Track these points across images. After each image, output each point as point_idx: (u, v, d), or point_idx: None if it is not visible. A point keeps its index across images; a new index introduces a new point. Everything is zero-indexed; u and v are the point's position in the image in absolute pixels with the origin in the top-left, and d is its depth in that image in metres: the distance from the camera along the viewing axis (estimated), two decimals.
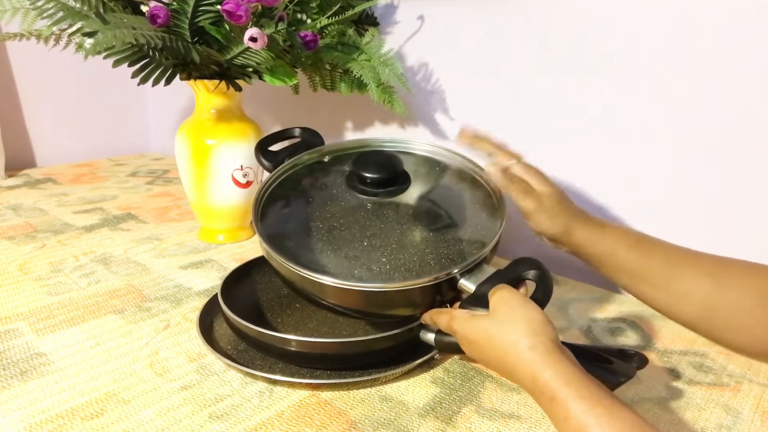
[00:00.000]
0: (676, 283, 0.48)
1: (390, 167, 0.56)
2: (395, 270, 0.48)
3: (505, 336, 0.41)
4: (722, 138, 0.64)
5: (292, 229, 0.54)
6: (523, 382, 0.40)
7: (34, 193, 1.05)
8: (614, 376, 0.43)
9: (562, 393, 0.36)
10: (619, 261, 0.51)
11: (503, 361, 0.41)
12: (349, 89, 0.82)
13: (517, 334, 0.40)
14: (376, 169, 0.55)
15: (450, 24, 0.85)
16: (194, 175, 0.79)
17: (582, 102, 0.74)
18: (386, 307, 0.50)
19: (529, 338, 0.40)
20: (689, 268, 0.48)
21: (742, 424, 0.46)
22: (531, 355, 0.39)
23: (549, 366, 0.38)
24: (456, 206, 0.58)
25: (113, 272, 0.71)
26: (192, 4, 0.63)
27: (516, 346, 0.40)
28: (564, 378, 0.37)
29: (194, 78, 0.74)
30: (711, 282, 0.47)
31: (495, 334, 0.41)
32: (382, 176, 0.55)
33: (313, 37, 0.71)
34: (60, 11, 0.67)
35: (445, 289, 0.49)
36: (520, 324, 0.41)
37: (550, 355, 0.39)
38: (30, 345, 0.54)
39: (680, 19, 0.64)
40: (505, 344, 0.40)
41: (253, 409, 0.46)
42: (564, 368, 0.38)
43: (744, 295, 0.46)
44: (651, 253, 0.50)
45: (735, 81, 0.62)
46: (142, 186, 1.13)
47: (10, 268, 0.71)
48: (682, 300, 0.48)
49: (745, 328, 0.46)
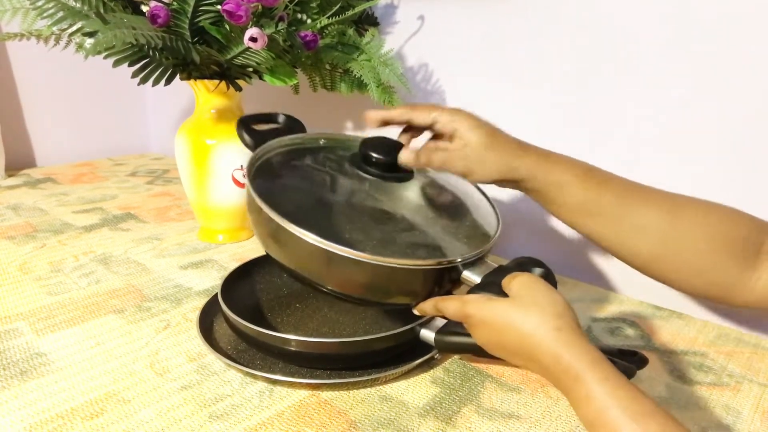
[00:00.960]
0: (631, 217, 0.46)
1: (397, 153, 0.54)
2: (398, 250, 0.48)
3: (528, 318, 0.40)
4: (723, 138, 0.64)
5: (293, 199, 0.52)
6: (544, 363, 0.39)
7: (34, 193, 1.05)
8: None
9: (587, 374, 0.36)
10: (569, 193, 0.48)
11: (524, 343, 0.40)
12: (350, 89, 0.82)
13: (542, 316, 0.40)
14: (385, 151, 0.54)
15: (450, 24, 0.85)
16: (194, 175, 0.79)
17: (582, 102, 0.74)
18: (385, 288, 0.48)
19: (555, 320, 0.39)
20: (644, 202, 0.46)
21: (742, 424, 0.46)
22: (557, 335, 0.38)
23: (575, 346, 0.38)
24: (456, 203, 0.58)
25: (113, 272, 0.71)
26: (192, 4, 0.63)
27: (541, 327, 0.39)
28: (589, 358, 0.37)
29: (194, 78, 0.74)
30: (667, 218, 0.45)
31: (517, 317, 0.40)
32: (389, 159, 0.53)
33: (313, 37, 0.71)
34: (60, 11, 0.67)
35: (446, 279, 0.48)
36: (545, 307, 0.40)
37: (576, 336, 0.39)
38: (30, 345, 0.54)
39: (681, 18, 0.64)
40: (529, 326, 0.40)
41: (253, 409, 0.46)
42: (589, 350, 0.38)
43: (699, 234, 0.44)
44: (604, 185, 0.48)
45: (736, 81, 0.62)
46: (142, 186, 1.13)
47: (10, 268, 0.71)
48: (636, 236, 0.46)
49: (697, 268, 0.44)
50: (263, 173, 0.53)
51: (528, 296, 0.42)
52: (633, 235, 0.46)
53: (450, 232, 0.52)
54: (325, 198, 0.53)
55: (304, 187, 0.54)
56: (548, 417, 0.46)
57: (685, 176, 0.68)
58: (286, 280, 0.65)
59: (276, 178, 0.54)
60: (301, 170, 0.56)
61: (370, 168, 0.54)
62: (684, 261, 0.45)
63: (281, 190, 0.53)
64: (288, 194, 0.52)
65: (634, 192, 0.47)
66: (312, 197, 0.53)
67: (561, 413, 0.47)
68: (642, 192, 0.47)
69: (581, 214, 0.48)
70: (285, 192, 0.52)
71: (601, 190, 0.48)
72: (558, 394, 0.49)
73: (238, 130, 0.58)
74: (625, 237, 0.46)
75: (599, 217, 0.47)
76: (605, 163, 0.74)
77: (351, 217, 0.51)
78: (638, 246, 0.46)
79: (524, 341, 0.40)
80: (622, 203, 0.47)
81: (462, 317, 0.45)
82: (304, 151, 0.59)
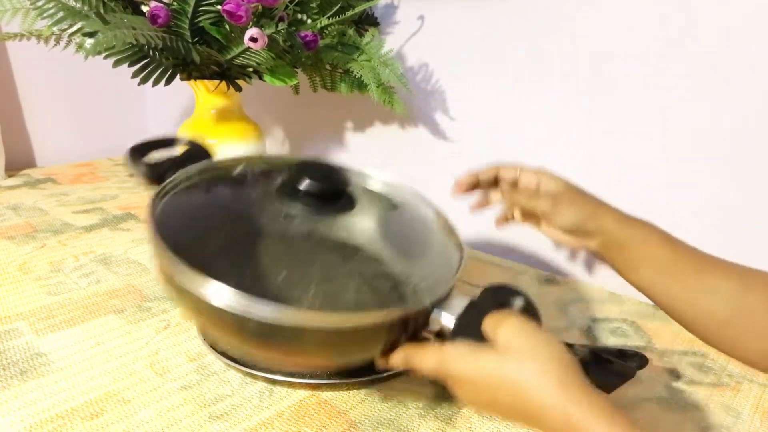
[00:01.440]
0: (705, 280, 0.45)
1: (336, 180, 0.46)
2: (349, 299, 0.38)
3: (526, 373, 0.36)
4: (723, 138, 0.64)
5: (209, 245, 0.41)
6: (552, 422, 0.35)
7: (34, 193, 1.05)
8: (614, 376, 0.43)
9: (598, 427, 0.33)
10: (649, 250, 0.47)
11: (525, 403, 0.36)
12: (350, 89, 0.82)
13: (542, 370, 0.36)
14: (322, 176, 0.45)
15: (450, 24, 0.85)
16: None
17: (582, 102, 0.74)
18: (336, 352, 0.39)
19: (557, 372, 0.36)
20: (717, 267, 0.46)
21: (742, 424, 0.46)
22: (562, 391, 0.35)
23: (583, 401, 0.35)
24: (411, 229, 0.49)
25: (113, 272, 0.71)
26: (192, 4, 0.63)
27: (544, 384, 0.35)
28: (598, 411, 0.34)
29: (194, 78, 0.74)
30: (738, 283, 0.44)
31: (511, 373, 0.36)
32: (328, 186, 0.44)
33: (313, 37, 0.71)
34: (60, 11, 0.67)
35: (413, 326, 0.39)
36: (543, 358, 0.36)
37: (582, 388, 0.35)
38: (30, 345, 0.54)
39: (681, 18, 0.64)
40: (529, 383, 0.35)
41: (253, 409, 0.46)
42: (596, 400, 0.35)
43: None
44: (681, 247, 0.47)
45: (736, 81, 0.62)
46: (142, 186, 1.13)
47: (10, 268, 0.71)
48: (710, 299, 0.45)
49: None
50: (169, 215, 0.42)
51: (521, 346, 0.37)
52: (708, 298, 0.45)
53: (408, 265, 0.43)
54: (250, 240, 0.42)
55: (223, 228, 0.43)
56: None
57: (685, 175, 0.68)
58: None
59: (186, 219, 0.43)
60: (218, 207, 0.45)
61: (305, 198, 0.45)
62: (752, 326, 0.44)
63: (193, 234, 0.41)
64: (203, 239, 0.41)
65: (706, 257, 0.47)
66: (233, 240, 0.42)
67: None
68: (712, 258, 0.47)
69: (660, 273, 0.47)
70: (197, 237, 0.41)
71: (676, 250, 0.47)
72: None
73: (129, 163, 0.47)
74: (701, 299, 0.46)
75: (677, 277, 0.46)
76: (606, 163, 0.74)
77: (283, 262, 0.40)
78: (712, 309, 0.45)
79: (522, 398, 0.36)
80: (696, 266, 0.46)
81: (443, 376, 0.39)
82: (221, 182, 0.48)
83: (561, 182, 0.52)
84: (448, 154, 0.89)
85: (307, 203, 0.44)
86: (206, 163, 0.48)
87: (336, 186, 0.45)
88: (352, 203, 0.46)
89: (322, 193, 0.44)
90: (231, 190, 0.47)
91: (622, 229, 0.48)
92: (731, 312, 0.44)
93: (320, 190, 0.44)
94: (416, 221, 0.49)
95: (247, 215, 0.43)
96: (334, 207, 0.45)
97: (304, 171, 0.45)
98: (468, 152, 0.87)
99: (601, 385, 0.43)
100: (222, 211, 0.44)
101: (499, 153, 0.83)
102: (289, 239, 0.41)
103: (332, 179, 0.46)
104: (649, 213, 0.71)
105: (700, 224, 0.68)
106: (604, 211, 0.49)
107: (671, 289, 0.47)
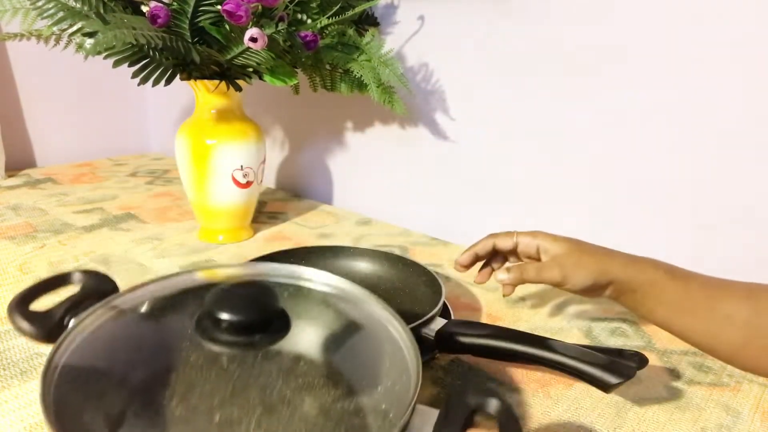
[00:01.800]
0: (718, 308, 0.47)
1: (260, 305, 0.38)
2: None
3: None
4: (722, 138, 0.64)
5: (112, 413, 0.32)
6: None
7: (34, 193, 1.05)
8: (614, 376, 0.43)
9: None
10: (662, 290, 0.49)
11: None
12: (350, 89, 0.82)
13: None
14: (243, 307, 0.37)
15: (450, 24, 0.85)
16: (194, 175, 0.79)
17: (582, 102, 0.74)
18: None
19: None
20: (726, 293, 0.47)
21: (742, 424, 0.46)
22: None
23: None
24: (357, 359, 0.39)
25: (113, 272, 0.71)
26: (192, 4, 0.63)
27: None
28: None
29: (194, 78, 0.74)
30: (749, 306, 0.46)
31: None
32: (248, 318, 0.36)
33: (313, 37, 0.71)
34: (60, 11, 0.67)
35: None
36: None
37: None
38: (30, 345, 0.54)
39: (681, 18, 0.64)
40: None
41: None
42: None
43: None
44: (688, 280, 0.49)
45: (736, 80, 0.62)
46: (142, 186, 1.13)
47: (10, 268, 0.71)
48: (725, 326, 0.46)
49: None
50: (69, 383, 0.33)
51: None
52: (723, 326, 0.47)
53: (359, 388, 0.36)
54: (168, 398, 0.33)
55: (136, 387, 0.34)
56: (548, 417, 0.46)
57: (684, 175, 0.68)
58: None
59: (90, 384, 0.34)
60: (126, 361, 0.36)
61: (229, 334, 0.36)
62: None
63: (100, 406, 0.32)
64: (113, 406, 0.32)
65: (714, 284, 0.48)
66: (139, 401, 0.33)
67: (561, 414, 0.47)
68: (720, 283, 0.48)
69: (675, 311, 0.49)
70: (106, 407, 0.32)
71: (688, 285, 0.48)
72: (558, 394, 0.49)
73: (13, 321, 0.38)
74: (717, 329, 0.47)
75: (691, 311, 0.48)
76: (607, 163, 0.74)
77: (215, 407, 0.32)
78: (729, 335, 0.47)
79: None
80: (708, 295, 0.48)
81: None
82: (128, 323, 0.39)
83: (560, 243, 0.52)
84: (448, 154, 0.89)
85: (231, 337, 0.36)
86: (108, 300, 0.40)
87: (261, 312, 0.37)
88: (287, 325, 0.38)
89: (246, 325, 0.36)
90: (141, 332, 0.39)
91: (629, 275, 0.49)
92: (747, 336, 0.46)
93: (243, 322, 0.36)
94: (364, 330, 0.41)
95: (164, 365, 0.35)
96: (266, 335, 0.37)
97: (222, 301, 0.37)
98: (468, 152, 0.87)
99: (601, 385, 0.43)
100: (131, 366, 0.36)
101: (499, 153, 0.83)
102: (216, 382, 0.34)
103: (256, 305, 0.38)
104: (648, 212, 0.71)
105: (700, 224, 0.68)
106: (610, 262, 0.50)
107: (687, 324, 0.48)
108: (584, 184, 0.77)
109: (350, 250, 0.68)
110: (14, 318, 0.38)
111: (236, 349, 0.36)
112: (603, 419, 0.46)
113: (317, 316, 0.42)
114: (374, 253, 0.67)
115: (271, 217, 0.95)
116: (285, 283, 0.43)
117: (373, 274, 0.66)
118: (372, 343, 0.40)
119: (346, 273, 0.63)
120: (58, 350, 0.35)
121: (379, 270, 0.67)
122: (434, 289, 0.58)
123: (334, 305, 0.43)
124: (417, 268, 0.64)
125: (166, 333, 0.39)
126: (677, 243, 0.69)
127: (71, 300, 0.40)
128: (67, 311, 0.39)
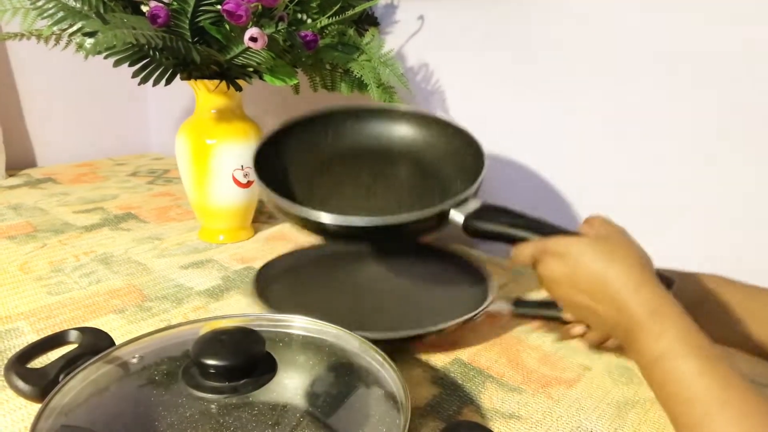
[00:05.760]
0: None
1: (244, 349, 0.38)
2: None
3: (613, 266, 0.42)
4: (722, 137, 0.64)
5: None
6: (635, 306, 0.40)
7: (35, 193, 1.05)
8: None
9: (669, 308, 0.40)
10: (726, 296, 0.48)
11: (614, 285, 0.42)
12: (350, 89, 0.82)
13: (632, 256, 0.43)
14: (227, 352, 0.37)
15: (450, 24, 0.85)
16: (195, 175, 0.79)
17: (582, 102, 0.74)
18: None
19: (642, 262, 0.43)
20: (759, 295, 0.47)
21: None
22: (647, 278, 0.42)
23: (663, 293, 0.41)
24: (342, 403, 0.39)
25: (114, 272, 0.71)
26: (192, 4, 0.63)
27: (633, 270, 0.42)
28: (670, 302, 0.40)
29: (194, 78, 0.74)
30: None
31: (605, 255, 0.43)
32: (231, 363, 0.37)
33: (313, 37, 0.71)
34: (60, 11, 0.67)
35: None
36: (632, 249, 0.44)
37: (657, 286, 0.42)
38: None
39: (682, 19, 0.64)
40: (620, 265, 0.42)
41: None
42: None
43: None
44: (728, 288, 0.48)
45: (735, 80, 0.62)
46: (143, 186, 1.13)
47: (10, 268, 0.71)
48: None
49: None
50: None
51: (613, 234, 0.45)
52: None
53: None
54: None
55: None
56: (549, 417, 0.46)
57: (683, 174, 0.68)
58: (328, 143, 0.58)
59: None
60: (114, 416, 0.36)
61: (208, 381, 0.37)
62: None
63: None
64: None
65: (751, 288, 0.48)
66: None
67: (562, 414, 0.47)
68: (756, 287, 0.48)
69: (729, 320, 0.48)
70: None
71: (731, 294, 0.48)
72: (559, 394, 0.49)
73: (9, 380, 0.38)
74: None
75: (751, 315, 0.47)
76: (607, 162, 0.74)
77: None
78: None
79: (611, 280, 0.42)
80: (753, 300, 0.48)
81: (540, 251, 0.46)
82: (118, 378, 0.39)
83: None
84: None
85: (218, 383, 0.37)
86: (101, 356, 0.40)
87: (244, 357, 0.38)
88: (272, 368, 0.39)
89: (230, 369, 0.37)
90: (130, 386, 0.39)
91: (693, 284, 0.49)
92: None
93: (227, 367, 0.37)
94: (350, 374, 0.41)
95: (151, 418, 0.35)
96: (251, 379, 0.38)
97: (207, 347, 0.38)
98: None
99: None
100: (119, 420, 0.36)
101: (499, 153, 0.83)
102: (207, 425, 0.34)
103: (241, 349, 0.38)
104: (646, 212, 0.71)
105: (700, 224, 0.68)
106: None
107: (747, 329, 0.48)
108: (584, 184, 0.77)
109: (392, 113, 0.63)
110: (10, 377, 0.38)
111: (222, 395, 0.36)
112: (604, 419, 0.46)
113: (303, 359, 0.43)
114: (419, 117, 0.63)
115: (272, 217, 0.95)
116: (270, 329, 0.44)
117: (417, 140, 0.63)
118: (358, 385, 0.40)
119: (387, 137, 0.61)
120: (46, 408, 0.35)
121: (426, 135, 0.63)
122: (478, 161, 0.56)
123: (320, 348, 0.43)
124: (464, 137, 0.61)
125: (154, 384, 0.39)
126: (683, 248, 0.69)
127: (66, 357, 0.40)
128: (62, 369, 0.39)
